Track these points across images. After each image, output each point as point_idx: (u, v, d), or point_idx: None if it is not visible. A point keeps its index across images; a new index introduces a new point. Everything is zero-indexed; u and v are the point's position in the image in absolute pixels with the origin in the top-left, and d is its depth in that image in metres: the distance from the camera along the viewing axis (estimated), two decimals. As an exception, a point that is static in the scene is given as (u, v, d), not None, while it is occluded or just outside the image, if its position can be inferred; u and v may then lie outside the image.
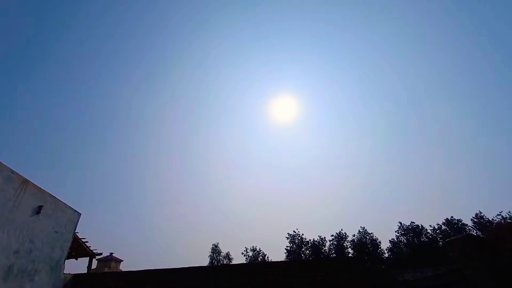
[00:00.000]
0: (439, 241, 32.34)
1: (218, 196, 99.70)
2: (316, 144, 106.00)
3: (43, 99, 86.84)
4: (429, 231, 34.65)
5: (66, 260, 9.72)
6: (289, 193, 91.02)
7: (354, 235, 37.03)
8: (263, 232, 75.22)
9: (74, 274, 9.96)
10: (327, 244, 37.59)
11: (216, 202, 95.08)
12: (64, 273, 9.22)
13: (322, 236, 38.27)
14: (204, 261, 42.54)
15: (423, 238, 33.98)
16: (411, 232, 35.23)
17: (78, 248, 13.19)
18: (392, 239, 36.31)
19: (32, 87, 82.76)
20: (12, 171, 7.40)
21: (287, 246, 39.29)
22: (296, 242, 39.09)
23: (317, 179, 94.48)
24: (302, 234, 39.41)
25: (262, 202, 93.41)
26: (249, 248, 42.30)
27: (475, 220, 33.36)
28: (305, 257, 36.45)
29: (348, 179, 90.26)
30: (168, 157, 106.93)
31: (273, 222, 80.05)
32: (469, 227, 33.07)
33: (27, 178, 7.95)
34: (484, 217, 33.06)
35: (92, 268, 18.53)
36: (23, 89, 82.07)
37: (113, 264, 30.41)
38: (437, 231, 34.32)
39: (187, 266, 9.03)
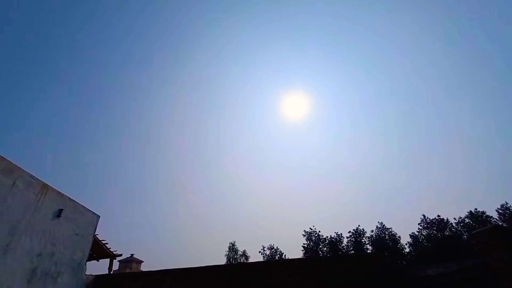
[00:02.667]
0: (464, 235, 31.06)
1: (232, 195, 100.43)
2: (329, 141, 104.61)
3: (60, 101, 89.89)
4: (454, 225, 33.41)
5: (88, 262, 10.03)
6: (303, 191, 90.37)
7: (372, 231, 36.27)
8: (280, 230, 75.08)
9: (95, 276, 10.26)
10: (345, 240, 37.00)
11: (232, 201, 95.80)
12: (86, 274, 9.50)
13: (339, 233, 37.73)
14: (221, 260, 43.01)
15: (447, 232, 32.76)
16: (435, 225, 34.06)
17: (99, 250, 13.59)
18: (412, 233, 35.31)
19: (50, 90, 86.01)
20: (32, 176, 7.66)
21: (304, 244, 38.92)
22: (313, 239, 38.63)
23: (331, 176, 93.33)
24: (319, 231, 38.95)
25: (277, 200, 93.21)
26: (267, 247, 42.30)
27: (501, 211, 31.84)
28: (323, 254, 35.98)
29: (364, 174, 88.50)
30: (181, 157, 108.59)
31: (290, 220, 79.70)
32: (495, 219, 31.56)
33: (47, 183, 8.22)
34: (511, 207, 31.51)
35: (114, 269, 19.06)
36: (37, 93, 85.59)
37: (134, 265, 31.16)
38: (460, 225, 33.02)
39: (203, 266, 9.08)
